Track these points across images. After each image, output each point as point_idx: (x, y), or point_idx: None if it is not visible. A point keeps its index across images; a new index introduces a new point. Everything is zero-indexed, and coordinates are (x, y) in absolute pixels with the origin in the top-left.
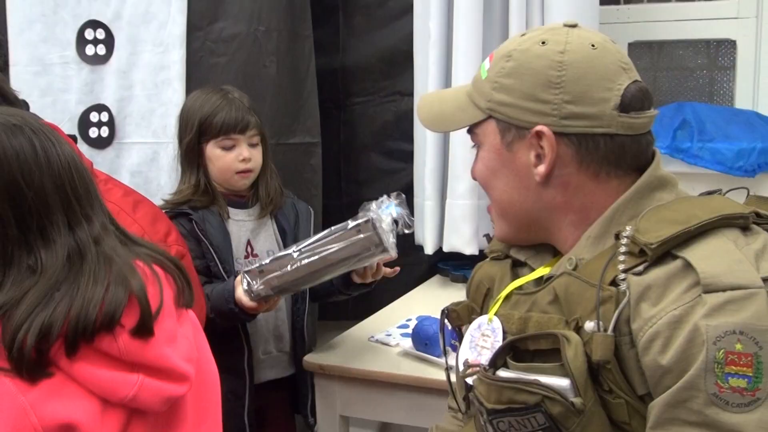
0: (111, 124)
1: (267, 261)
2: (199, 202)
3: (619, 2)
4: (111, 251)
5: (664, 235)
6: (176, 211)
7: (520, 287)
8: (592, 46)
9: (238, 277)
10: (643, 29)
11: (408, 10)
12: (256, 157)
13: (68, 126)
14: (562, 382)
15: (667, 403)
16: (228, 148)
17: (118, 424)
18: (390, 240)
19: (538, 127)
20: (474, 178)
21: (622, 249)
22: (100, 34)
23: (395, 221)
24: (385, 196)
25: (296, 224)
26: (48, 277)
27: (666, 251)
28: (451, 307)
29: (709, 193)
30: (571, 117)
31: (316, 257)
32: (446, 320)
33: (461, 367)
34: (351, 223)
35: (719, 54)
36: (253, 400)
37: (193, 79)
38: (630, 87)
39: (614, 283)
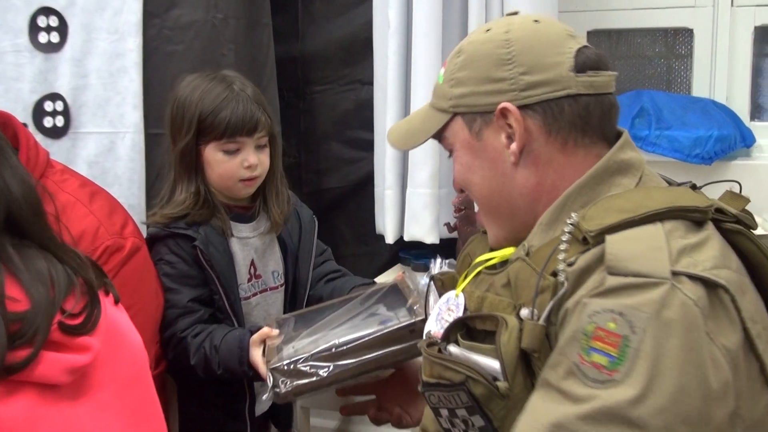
0: (66, 113)
1: (295, 360)
2: (199, 215)
3: None
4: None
5: (606, 222)
6: (173, 229)
7: (489, 267)
8: (535, 21)
9: (254, 337)
10: (602, 17)
11: None
12: (263, 161)
13: (22, 116)
14: (494, 365)
15: (548, 364)
16: (231, 152)
17: (25, 403)
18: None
19: (502, 105)
20: (458, 189)
21: (565, 237)
22: (54, 21)
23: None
24: (433, 263)
25: (299, 238)
26: None
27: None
28: (437, 276)
29: (680, 184)
30: (530, 87)
31: (358, 362)
32: (433, 285)
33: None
34: (404, 322)
35: (677, 42)
36: None
37: (150, 68)
38: (582, 49)
39: (555, 272)
